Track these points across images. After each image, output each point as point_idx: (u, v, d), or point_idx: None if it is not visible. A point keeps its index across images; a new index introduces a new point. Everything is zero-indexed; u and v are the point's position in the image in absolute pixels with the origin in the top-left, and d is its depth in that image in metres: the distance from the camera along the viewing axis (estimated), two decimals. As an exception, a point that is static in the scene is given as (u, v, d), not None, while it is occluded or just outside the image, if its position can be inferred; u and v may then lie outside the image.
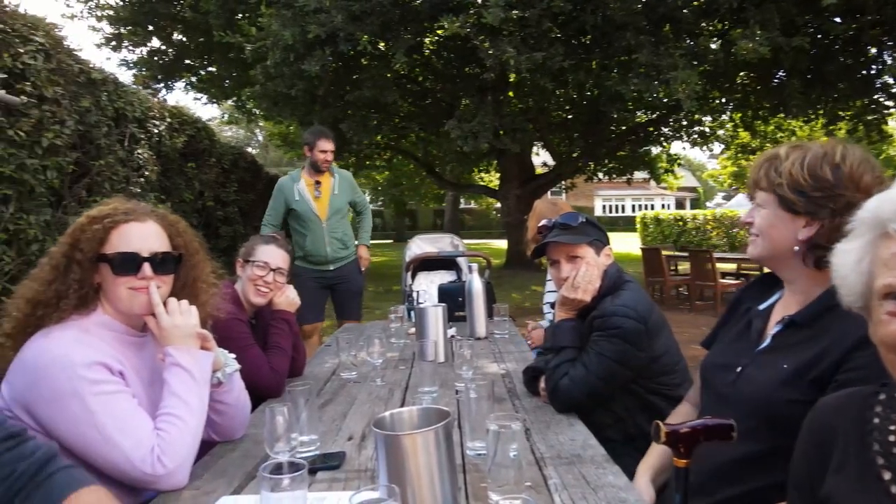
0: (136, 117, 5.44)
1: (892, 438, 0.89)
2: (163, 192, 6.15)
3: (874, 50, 10.67)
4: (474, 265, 3.23)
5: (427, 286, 4.34)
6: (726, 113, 14.38)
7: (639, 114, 14.87)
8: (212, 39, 12.54)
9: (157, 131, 5.99)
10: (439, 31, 9.92)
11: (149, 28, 15.44)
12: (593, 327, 1.92)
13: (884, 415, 0.92)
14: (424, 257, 4.57)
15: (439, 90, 13.82)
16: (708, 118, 14.51)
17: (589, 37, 10.49)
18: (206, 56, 15.83)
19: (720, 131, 15.90)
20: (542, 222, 2.20)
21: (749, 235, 1.48)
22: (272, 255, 2.40)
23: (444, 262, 4.61)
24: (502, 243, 19.80)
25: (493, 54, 8.92)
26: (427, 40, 12.18)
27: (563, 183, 20.72)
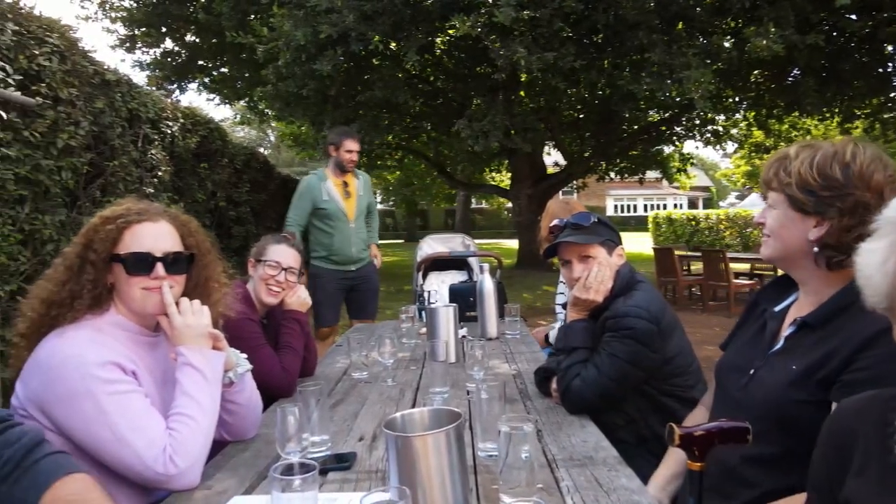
0: (150, 118, 5.48)
1: None
2: (176, 193, 6.20)
3: (891, 47, 10.53)
4: (485, 265, 3.22)
5: (438, 286, 4.34)
6: (740, 112, 14.26)
7: (651, 113, 14.77)
8: (224, 40, 12.61)
9: (170, 132, 6.03)
10: (451, 31, 9.90)
11: (162, 29, 15.58)
12: (605, 328, 1.90)
13: None
14: (435, 257, 4.57)
15: (451, 90, 13.81)
16: (721, 117, 14.38)
17: (601, 36, 10.44)
18: (218, 57, 15.94)
19: (733, 130, 15.77)
20: (554, 222, 2.18)
21: (762, 236, 1.47)
22: (284, 254, 2.40)
23: (456, 262, 4.60)
24: (513, 243, 19.76)
25: (504, 54, 8.89)
26: (438, 40, 12.18)
27: (575, 183, 20.65)
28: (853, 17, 9.41)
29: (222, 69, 16.67)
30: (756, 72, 11.97)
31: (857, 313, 1.27)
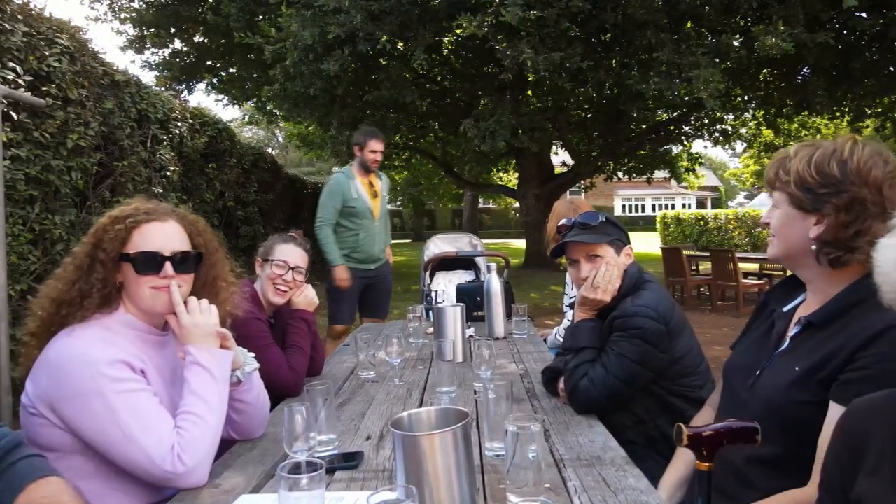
0: (159, 118, 5.51)
1: None
2: (184, 193, 6.23)
3: (903, 45, 10.44)
4: (493, 265, 3.22)
5: (445, 286, 4.34)
6: (749, 111, 14.18)
7: (659, 112, 14.70)
8: (232, 41, 12.67)
9: (178, 132, 6.06)
10: (458, 31, 9.89)
11: (171, 30, 15.66)
12: (613, 328, 1.89)
13: None
14: (443, 257, 4.57)
15: (458, 90, 13.80)
16: (730, 116, 14.31)
17: (609, 35, 10.40)
18: (226, 57, 16.00)
19: (742, 129, 15.68)
20: (562, 221, 2.17)
21: (769, 237, 1.46)
22: (291, 254, 2.41)
23: (463, 262, 4.60)
24: (521, 243, 19.73)
25: (511, 55, 8.88)
26: (446, 40, 12.18)
27: (583, 182, 20.56)
28: (863, 15, 9.33)
29: (230, 69, 16.74)
30: (765, 70, 11.89)
31: (861, 312, 1.26)
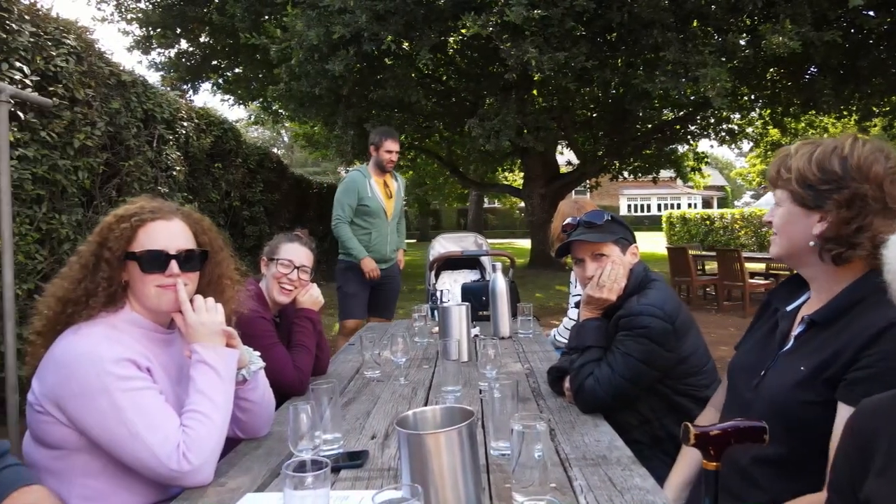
0: (165, 118, 5.52)
1: None
2: (190, 192, 6.25)
3: (911, 44, 10.37)
4: (498, 264, 3.21)
5: (451, 285, 4.34)
6: (755, 110, 14.12)
7: (665, 112, 14.67)
8: (238, 41, 12.70)
9: (184, 132, 6.08)
10: (463, 31, 9.89)
11: (177, 30, 15.72)
12: (619, 327, 1.88)
13: None
14: (448, 256, 4.57)
15: (463, 89, 13.80)
16: (736, 115, 14.25)
17: (614, 34, 10.38)
18: (232, 57, 16.06)
19: (749, 129, 15.61)
20: (568, 220, 2.17)
21: (772, 235, 1.45)
22: (296, 252, 2.41)
23: (468, 262, 4.60)
24: (526, 243, 19.72)
25: (515, 54, 8.87)
26: (451, 40, 12.18)
27: (588, 182, 20.58)
28: (871, 13, 9.28)
29: (236, 70, 16.80)
30: (772, 69, 11.84)
31: (864, 310, 1.25)
